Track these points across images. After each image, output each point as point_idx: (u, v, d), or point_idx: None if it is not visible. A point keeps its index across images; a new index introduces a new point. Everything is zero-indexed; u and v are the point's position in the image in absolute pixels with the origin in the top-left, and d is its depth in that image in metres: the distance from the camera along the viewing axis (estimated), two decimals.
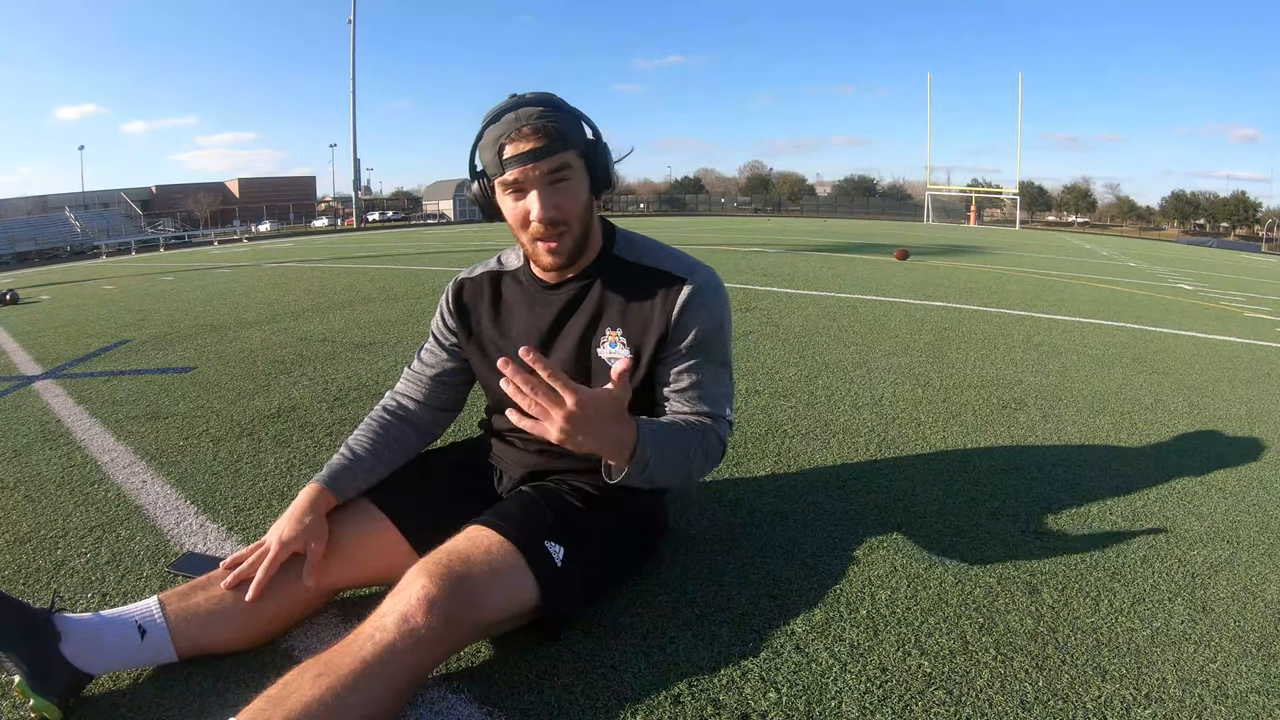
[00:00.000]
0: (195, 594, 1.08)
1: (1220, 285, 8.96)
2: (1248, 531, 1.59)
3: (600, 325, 1.22)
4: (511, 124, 1.09)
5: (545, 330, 1.25)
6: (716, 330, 1.22)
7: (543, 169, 1.09)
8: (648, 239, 1.30)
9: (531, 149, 1.08)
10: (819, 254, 10.65)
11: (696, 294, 1.19)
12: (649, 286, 1.21)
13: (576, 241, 1.17)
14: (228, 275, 8.52)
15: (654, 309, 1.20)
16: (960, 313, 4.89)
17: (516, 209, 1.13)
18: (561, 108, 1.13)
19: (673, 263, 1.24)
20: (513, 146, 1.08)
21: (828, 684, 1.05)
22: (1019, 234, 31.62)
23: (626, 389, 1.00)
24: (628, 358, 1.20)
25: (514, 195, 1.13)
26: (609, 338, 1.22)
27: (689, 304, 1.19)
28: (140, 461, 1.98)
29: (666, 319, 1.19)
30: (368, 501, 1.23)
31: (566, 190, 1.13)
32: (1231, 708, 1.02)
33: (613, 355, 1.21)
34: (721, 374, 1.24)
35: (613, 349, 1.21)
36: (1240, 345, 4.12)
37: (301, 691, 0.85)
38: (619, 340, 1.21)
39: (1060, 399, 2.66)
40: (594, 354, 1.22)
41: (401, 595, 0.95)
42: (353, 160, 43.54)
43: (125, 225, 40.96)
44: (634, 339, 1.21)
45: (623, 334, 1.21)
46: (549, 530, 1.11)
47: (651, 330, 1.20)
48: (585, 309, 1.23)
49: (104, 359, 3.49)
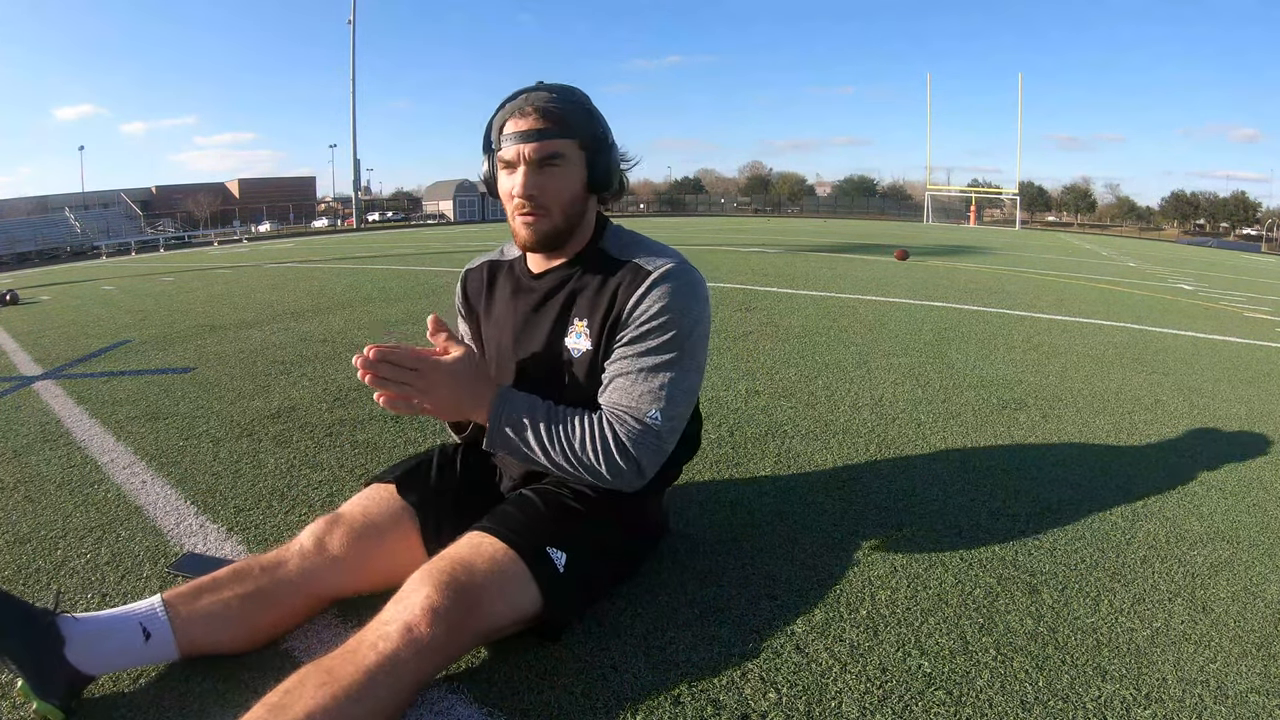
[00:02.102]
0: (201, 595, 1.07)
1: (1220, 285, 8.96)
2: (1248, 531, 1.59)
3: (570, 315, 1.23)
4: (520, 104, 1.13)
5: (521, 318, 1.27)
6: (666, 324, 1.15)
7: (533, 150, 1.12)
8: (638, 235, 1.28)
9: (529, 129, 1.12)
10: (819, 254, 10.65)
11: (654, 284, 1.16)
12: (617, 278, 1.20)
13: (556, 228, 1.18)
14: (228, 275, 8.52)
15: (615, 299, 1.18)
16: (960, 313, 4.89)
17: (506, 185, 1.17)
18: (573, 100, 1.15)
19: (646, 256, 1.21)
20: (513, 124, 1.13)
21: (828, 684, 1.05)
22: (1019, 234, 31.62)
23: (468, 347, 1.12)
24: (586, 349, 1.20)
25: (508, 171, 1.17)
26: (575, 328, 1.22)
27: (644, 295, 1.16)
28: (140, 462, 1.98)
29: (622, 308, 1.17)
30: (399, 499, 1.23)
31: (554, 175, 1.15)
32: (1231, 708, 1.02)
33: (576, 345, 1.21)
34: (659, 373, 1.15)
35: (577, 339, 1.21)
36: (1240, 345, 4.12)
37: (304, 701, 0.84)
38: (583, 330, 1.21)
39: (1060, 399, 2.66)
40: (563, 344, 1.23)
41: (405, 603, 0.95)
42: (353, 161, 43.53)
43: (125, 226, 40.93)
44: (594, 329, 1.20)
45: (586, 324, 1.21)
46: (550, 536, 1.11)
47: (609, 318, 1.18)
48: (559, 299, 1.24)
49: (104, 359, 3.49)
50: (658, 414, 1.14)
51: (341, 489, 1.74)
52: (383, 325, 4.22)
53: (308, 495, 1.72)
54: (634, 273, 1.19)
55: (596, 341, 1.20)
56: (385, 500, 1.23)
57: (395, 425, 2.27)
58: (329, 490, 1.74)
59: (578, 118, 1.14)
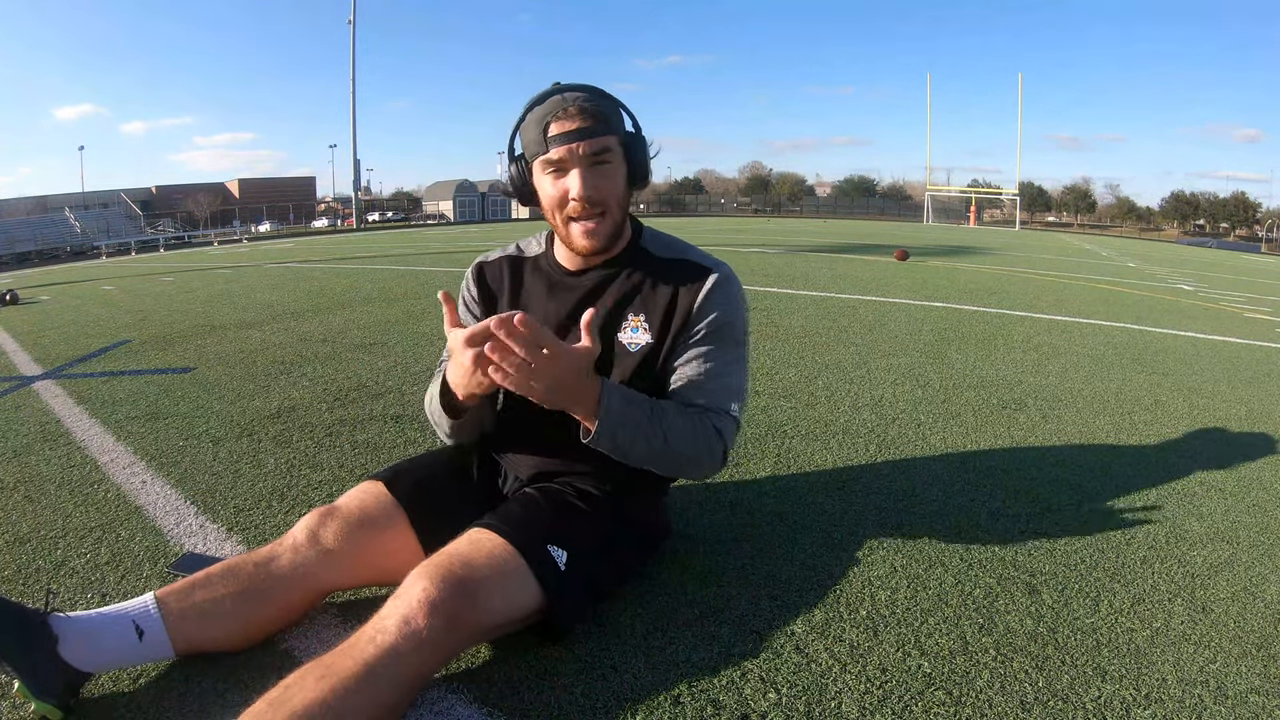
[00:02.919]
0: (194, 592, 1.07)
1: (1220, 286, 8.96)
2: (1247, 532, 1.59)
3: (624, 311, 1.23)
4: (559, 105, 1.11)
5: (565, 316, 1.25)
6: (733, 324, 1.23)
7: (586, 149, 1.11)
8: (674, 237, 1.32)
9: (578, 128, 1.10)
10: (819, 254, 10.65)
11: (721, 285, 1.22)
12: (674, 276, 1.24)
13: (615, 226, 1.20)
14: (228, 276, 8.52)
15: (678, 296, 1.22)
16: (960, 313, 4.89)
17: (556, 188, 1.15)
18: (606, 95, 1.16)
19: (699, 256, 1.27)
20: (558, 125, 1.11)
21: (827, 684, 1.05)
22: (1019, 234, 31.63)
23: (596, 343, 1.04)
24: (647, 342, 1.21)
25: (554, 175, 1.15)
26: (631, 323, 1.23)
27: (712, 293, 1.21)
28: (140, 462, 1.98)
29: (689, 305, 1.21)
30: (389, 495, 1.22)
31: (606, 174, 1.15)
32: (1231, 708, 1.02)
33: (633, 340, 1.22)
34: (731, 369, 1.23)
35: (634, 334, 1.22)
36: (1240, 346, 4.12)
37: (304, 694, 0.84)
38: (640, 325, 1.22)
39: (1060, 399, 2.66)
40: (616, 339, 1.23)
41: (403, 598, 0.95)
42: (353, 161, 43.49)
43: (125, 226, 40.93)
44: (655, 324, 1.22)
45: (645, 319, 1.22)
46: (551, 533, 1.11)
47: (674, 316, 1.22)
48: (609, 296, 1.24)
49: (104, 359, 3.49)
50: (735, 406, 1.22)
51: (341, 489, 1.74)
52: (383, 326, 4.22)
53: (308, 495, 1.72)
54: (695, 273, 1.23)
55: (659, 336, 1.22)
56: (379, 495, 1.23)
57: (395, 425, 2.27)
58: (329, 490, 1.74)
59: (614, 113, 1.15)
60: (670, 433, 1.13)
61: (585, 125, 1.10)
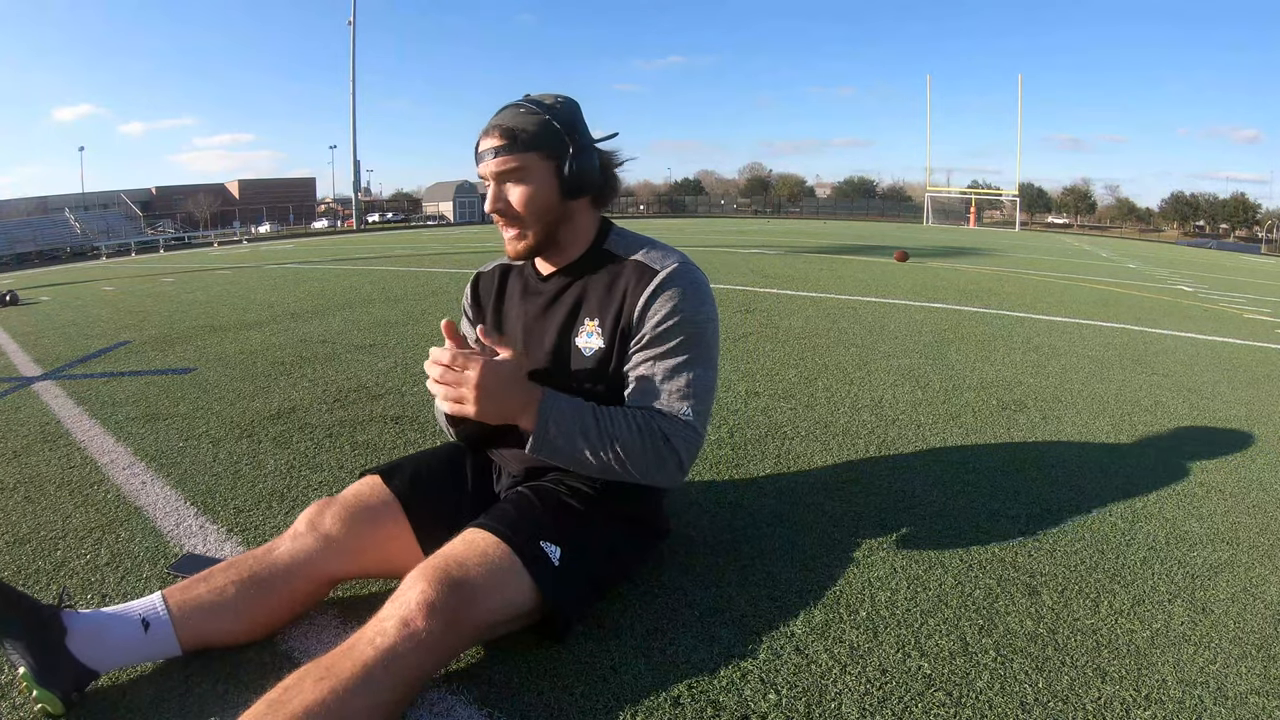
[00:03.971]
0: (197, 586, 1.09)
1: (1220, 287, 8.96)
2: (1247, 533, 1.59)
3: (580, 315, 1.25)
4: (488, 125, 1.19)
5: (530, 320, 1.29)
6: (683, 323, 1.18)
7: (495, 166, 1.17)
8: (642, 235, 1.31)
9: (491, 146, 1.17)
10: (819, 255, 10.66)
11: (668, 283, 1.19)
12: (625, 277, 1.23)
13: (538, 238, 1.22)
14: (228, 276, 8.52)
15: (625, 298, 1.21)
16: (960, 314, 4.89)
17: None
18: (537, 111, 1.17)
19: (651, 255, 1.24)
20: (481, 143, 1.19)
21: (827, 685, 1.05)
22: (1019, 235, 31.65)
23: (518, 351, 1.12)
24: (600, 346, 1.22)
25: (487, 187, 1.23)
26: (586, 327, 1.24)
27: (654, 295, 1.19)
28: (140, 463, 1.98)
29: (633, 309, 1.20)
30: (385, 489, 1.25)
31: (516, 189, 1.19)
32: (1231, 709, 1.02)
33: (588, 344, 1.23)
34: (682, 372, 1.18)
35: (589, 338, 1.23)
36: (1240, 347, 4.12)
37: (303, 695, 0.85)
38: (595, 330, 1.23)
39: (1060, 400, 2.66)
40: (573, 344, 1.24)
41: (401, 600, 0.96)
42: (352, 162, 43.50)
43: (125, 226, 40.92)
44: (607, 328, 1.22)
45: (598, 323, 1.23)
46: (544, 530, 1.12)
47: (621, 318, 1.21)
48: (567, 300, 1.26)
49: (104, 360, 3.49)
50: (689, 410, 1.17)
51: (341, 490, 1.74)
52: (383, 327, 4.22)
53: (308, 496, 1.72)
54: (639, 272, 1.21)
55: (610, 340, 1.22)
56: (376, 486, 1.25)
57: (395, 426, 2.27)
58: (329, 491, 1.74)
59: (540, 130, 1.16)
60: (619, 441, 1.13)
61: (497, 144, 1.16)
